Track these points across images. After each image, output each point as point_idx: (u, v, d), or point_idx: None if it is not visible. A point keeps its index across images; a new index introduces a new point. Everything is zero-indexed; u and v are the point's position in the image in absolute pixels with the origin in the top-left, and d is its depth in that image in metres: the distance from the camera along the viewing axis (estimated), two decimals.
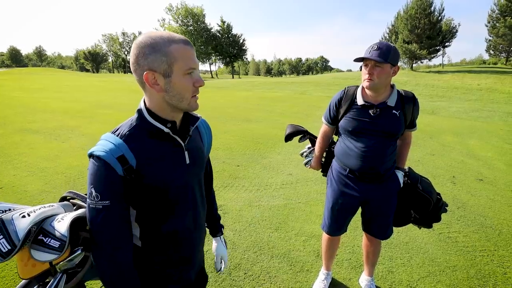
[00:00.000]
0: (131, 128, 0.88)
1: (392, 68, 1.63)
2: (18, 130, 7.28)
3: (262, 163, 5.02)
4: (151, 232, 0.96)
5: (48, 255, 0.79)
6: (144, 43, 0.81)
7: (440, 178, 4.49)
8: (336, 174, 1.91)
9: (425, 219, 1.96)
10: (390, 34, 31.98)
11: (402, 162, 1.92)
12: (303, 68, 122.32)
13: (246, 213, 3.30)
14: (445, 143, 6.67)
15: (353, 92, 1.79)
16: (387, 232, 1.94)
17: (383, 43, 1.62)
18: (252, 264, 2.46)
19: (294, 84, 22.49)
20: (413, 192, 1.89)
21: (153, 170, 0.88)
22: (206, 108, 11.16)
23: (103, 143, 0.85)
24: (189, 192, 1.00)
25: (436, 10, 26.49)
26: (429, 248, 2.74)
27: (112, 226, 0.85)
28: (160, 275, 1.00)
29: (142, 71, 0.83)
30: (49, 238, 0.80)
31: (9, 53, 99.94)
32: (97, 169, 0.83)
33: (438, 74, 23.16)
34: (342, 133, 1.86)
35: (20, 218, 0.79)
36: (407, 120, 1.74)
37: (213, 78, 52.34)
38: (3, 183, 4.09)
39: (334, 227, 1.99)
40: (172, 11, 48.76)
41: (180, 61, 0.83)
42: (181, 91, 0.86)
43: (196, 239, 1.08)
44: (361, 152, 1.73)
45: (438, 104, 13.75)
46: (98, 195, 0.82)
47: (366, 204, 1.90)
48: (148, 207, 0.92)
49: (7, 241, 0.75)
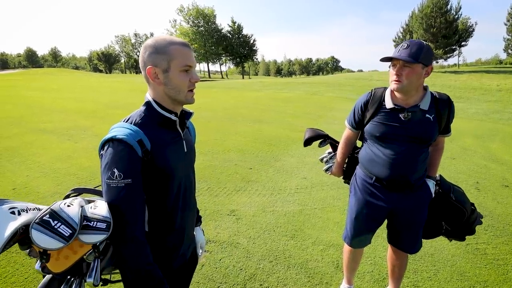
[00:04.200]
0: (142, 118, 0.99)
1: (425, 69, 1.48)
2: (33, 130, 7.38)
3: (275, 166, 4.89)
4: (158, 214, 1.03)
5: (98, 236, 0.85)
6: (149, 44, 0.97)
7: (463, 184, 4.26)
8: (361, 182, 1.77)
9: (457, 231, 1.81)
10: (404, 33, 31.31)
11: (433, 170, 1.78)
12: (314, 68, 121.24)
13: (260, 219, 3.18)
14: (466, 146, 6.38)
15: (380, 94, 1.65)
16: (416, 246, 1.80)
17: (414, 41, 1.48)
18: (268, 274, 2.34)
19: (305, 84, 22.26)
20: (446, 202, 1.74)
21: (162, 154, 0.99)
22: (217, 108, 11.11)
23: (121, 129, 0.94)
24: (187, 177, 1.13)
25: (452, 9, 25.78)
26: (456, 260, 2.55)
27: (133, 203, 0.92)
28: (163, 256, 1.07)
29: (146, 66, 0.97)
30: (95, 222, 0.86)
31: (26, 54, 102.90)
32: (120, 151, 0.90)
33: (454, 74, 22.51)
34: (368, 139, 1.72)
35: (67, 207, 0.87)
36: (442, 124, 1.60)
37: (223, 78, 52.57)
38: (16, 184, 4.10)
39: (357, 239, 1.86)
40: (183, 12, 49.20)
41: (177, 59, 0.97)
42: (177, 84, 0.99)
43: (191, 217, 1.22)
44: (390, 159, 1.59)
45: (456, 105, 13.06)
46: (121, 174, 0.89)
47: (394, 215, 1.75)
48: (156, 190, 1.00)
49: (67, 226, 0.82)
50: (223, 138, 6.73)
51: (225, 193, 3.82)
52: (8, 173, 4.50)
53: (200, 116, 9.62)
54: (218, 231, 2.92)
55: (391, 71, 1.53)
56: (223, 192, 3.83)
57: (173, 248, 1.12)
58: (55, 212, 0.84)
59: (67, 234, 0.81)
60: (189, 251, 1.24)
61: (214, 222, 3.08)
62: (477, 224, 1.81)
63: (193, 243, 1.30)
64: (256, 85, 23.41)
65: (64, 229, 0.81)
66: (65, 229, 0.82)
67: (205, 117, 9.45)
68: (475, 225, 1.81)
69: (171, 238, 1.10)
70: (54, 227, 0.81)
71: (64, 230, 0.81)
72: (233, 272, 2.35)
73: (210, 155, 5.47)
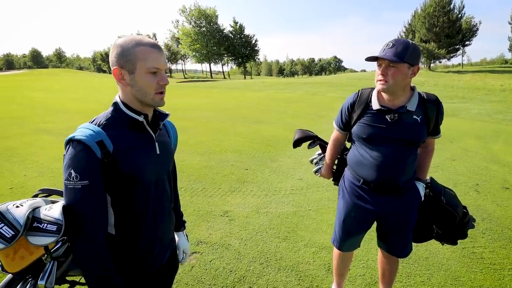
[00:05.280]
0: (107, 119, 0.98)
1: (411, 69, 1.44)
2: (34, 130, 7.43)
3: (271, 166, 4.86)
4: (125, 217, 1.01)
5: (47, 238, 0.84)
6: (117, 44, 0.95)
7: (462, 185, 4.19)
8: (349, 184, 1.74)
9: (449, 235, 1.77)
10: (406, 33, 31.12)
11: (423, 172, 1.74)
12: (316, 68, 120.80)
13: (253, 220, 3.16)
14: (467, 147, 6.30)
15: (367, 95, 1.62)
16: (406, 250, 1.76)
17: (400, 40, 1.43)
18: (258, 277, 2.31)
19: (306, 84, 22.19)
20: (436, 205, 1.70)
21: (128, 157, 0.96)
22: (218, 109, 11.10)
23: (82, 130, 0.93)
24: (159, 181, 1.09)
25: (455, 8, 25.55)
26: (451, 264, 2.51)
27: (90, 205, 0.91)
28: (132, 261, 1.05)
29: (113, 67, 0.95)
30: (45, 224, 0.85)
31: (31, 55, 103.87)
32: (77, 152, 0.89)
33: (457, 74, 22.31)
34: (356, 141, 1.68)
35: (15, 208, 0.86)
36: (430, 126, 1.55)
37: (225, 78, 52.58)
38: (13, 183, 4.12)
39: (345, 242, 1.82)
40: (185, 12, 49.28)
41: (144, 61, 0.93)
42: (143, 87, 0.96)
43: (166, 224, 1.17)
44: (377, 162, 1.56)
45: (459, 105, 13.17)
46: (77, 176, 0.88)
47: (382, 218, 1.72)
48: (122, 193, 0.98)
49: (9, 227, 0.81)
50: (221, 138, 6.71)
51: (219, 194, 3.80)
52: (7, 173, 4.53)
53: (200, 117, 9.61)
54: (210, 232, 2.90)
55: (377, 70, 1.49)
56: (218, 193, 3.81)
57: (144, 254, 1.08)
58: (0, 213, 0.84)
59: (9, 236, 0.80)
60: (165, 256, 1.20)
61: (207, 223, 3.06)
62: (469, 228, 1.77)
63: (170, 249, 1.25)
64: (258, 85, 23.40)
65: (7, 230, 0.81)
66: (7, 230, 0.81)
67: (205, 117, 9.44)
68: (467, 228, 1.78)
69: (141, 244, 1.06)
70: None
71: (6, 232, 0.81)
72: (223, 274, 2.33)
73: (207, 155, 5.45)
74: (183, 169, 4.67)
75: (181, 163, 4.94)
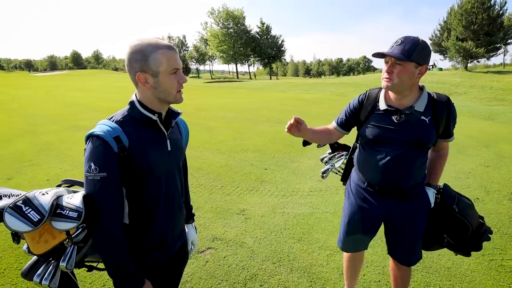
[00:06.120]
0: (124, 116, 1.05)
1: (418, 68, 1.37)
2: (69, 126, 7.99)
3: (291, 167, 4.85)
4: (138, 208, 1.08)
5: (68, 224, 0.92)
6: (136, 50, 0.99)
7: (495, 194, 3.91)
8: (354, 186, 1.70)
9: (461, 246, 1.65)
10: (441, 31, 29.44)
11: (434, 177, 1.63)
12: (344, 68, 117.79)
13: (268, 219, 3.18)
14: (503, 153, 5.85)
15: (375, 95, 1.57)
16: (412, 258, 1.67)
17: (410, 38, 1.37)
18: (270, 276, 2.33)
19: (333, 85, 21.76)
20: (447, 214, 1.60)
21: (141, 152, 1.03)
22: (241, 109, 11.23)
23: (101, 126, 1.00)
24: (170, 175, 1.16)
25: (496, 4, 23.74)
26: (476, 276, 2.36)
27: (108, 194, 0.99)
28: (144, 250, 1.12)
29: (135, 72, 1.01)
30: (67, 211, 0.93)
31: (72, 57, 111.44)
32: (96, 146, 0.97)
33: (497, 74, 20.74)
34: (362, 142, 1.64)
35: (41, 196, 0.94)
36: (440, 128, 1.46)
37: (251, 79, 52.91)
38: (50, 175, 4.47)
39: (349, 244, 1.79)
40: (214, 14, 50.31)
41: (165, 64, 1.00)
42: (167, 87, 1.04)
43: (178, 217, 1.24)
44: (382, 164, 1.50)
45: (496, 108, 12.25)
46: (97, 168, 0.96)
47: (388, 223, 1.66)
48: (136, 185, 1.05)
49: (36, 212, 0.89)
50: (242, 138, 6.79)
51: (237, 192, 3.86)
52: (45, 166, 4.92)
53: (223, 116, 9.78)
54: (225, 229, 2.96)
55: (383, 67, 1.45)
56: (236, 191, 3.87)
57: (155, 243, 1.14)
58: (28, 199, 0.91)
59: (36, 220, 0.88)
60: (175, 246, 1.26)
61: (223, 220, 3.12)
62: (485, 240, 1.64)
63: (182, 240, 1.32)
64: (283, 86, 23.32)
65: (34, 214, 0.89)
66: (34, 214, 0.89)
67: (229, 117, 9.59)
68: (482, 240, 1.64)
69: (152, 233, 1.12)
70: (25, 212, 0.88)
71: (34, 216, 0.88)
72: (236, 271, 2.38)
73: (227, 154, 5.55)
74: (203, 167, 4.80)
75: (202, 161, 5.08)
